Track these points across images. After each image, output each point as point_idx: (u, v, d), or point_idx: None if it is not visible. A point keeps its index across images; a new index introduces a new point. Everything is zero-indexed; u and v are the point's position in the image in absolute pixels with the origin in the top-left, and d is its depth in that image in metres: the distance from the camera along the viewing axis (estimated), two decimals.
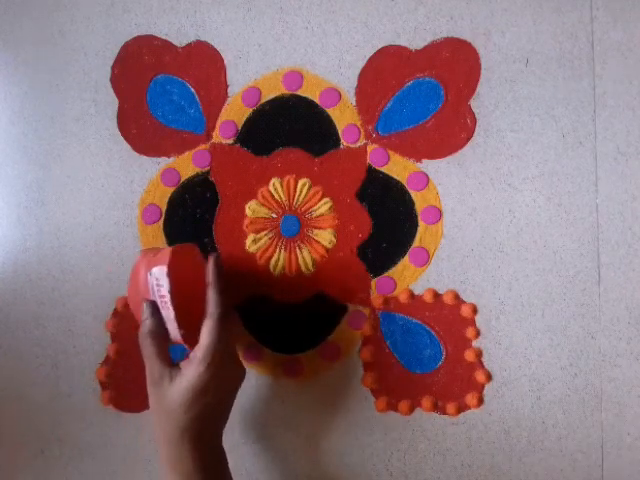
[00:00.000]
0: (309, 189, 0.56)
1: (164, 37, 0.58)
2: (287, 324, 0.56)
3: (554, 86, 0.55)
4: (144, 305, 0.49)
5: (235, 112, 0.57)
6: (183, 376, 0.47)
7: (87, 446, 0.56)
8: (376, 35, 0.56)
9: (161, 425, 0.48)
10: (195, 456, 0.47)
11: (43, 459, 0.57)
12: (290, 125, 0.57)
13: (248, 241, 0.56)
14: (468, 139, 0.56)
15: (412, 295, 0.56)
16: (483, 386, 0.54)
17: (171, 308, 0.47)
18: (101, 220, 0.57)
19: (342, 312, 0.56)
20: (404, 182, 0.56)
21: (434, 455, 0.55)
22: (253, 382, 0.56)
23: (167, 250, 0.48)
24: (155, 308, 0.48)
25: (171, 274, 0.47)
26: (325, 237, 0.56)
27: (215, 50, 0.57)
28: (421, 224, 0.56)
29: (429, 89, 0.56)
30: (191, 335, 0.48)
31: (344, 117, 0.57)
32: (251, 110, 0.57)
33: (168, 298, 0.47)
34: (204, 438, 0.48)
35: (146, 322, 0.48)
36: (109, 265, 0.57)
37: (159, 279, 0.47)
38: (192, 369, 0.47)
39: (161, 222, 0.57)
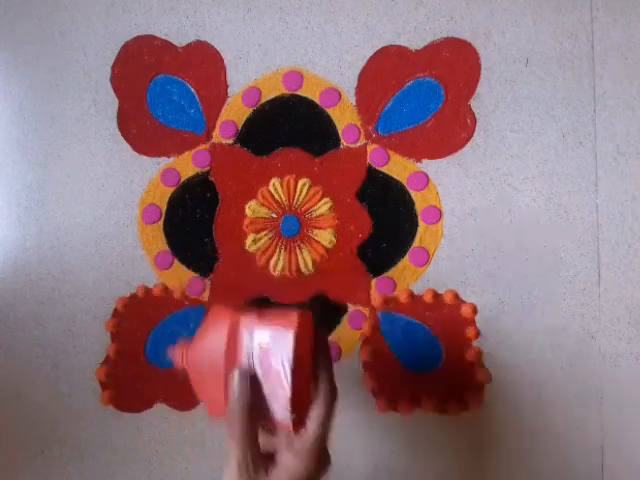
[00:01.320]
0: (309, 189, 0.56)
1: (164, 37, 0.58)
2: None
3: (554, 86, 0.55)
4: (237, 374, 0.40)
5: (235, 112, 0.57)
6: (284, 470, 0.40)
7: (87, 446, 0.56)
8: (376, 35, 0.56)
9: None
10: None
11: (43, 459, 0.57)
12: (290, 125, 0.57)
13: (248, 241, 0.56)
14: (468, 139, 0.56)
15: (412, 295, 0.55)
16: (483, 386, 0.54)
17: (287, 386, 0.39)
18: (101, 220, 0.57)
19: (342, 312, 0.56)
20: (404, 182, 0.56)
21: (434, 455, 0.55)
22: None
23: (290, 313, 0.40)
24: (251, 379, 0.40)
25: (296, 344, 0.39)
26: (325, 237, 0.56)
27: (215, 50, 0.57)
28: (421, 224, 0.56)
29: (429, 89, 0.56)
30: (299, 419, 0.40)
31: (344, 117, 0.57)
32: (251, 110, 0.57)
33: (285, 373, 0.39)
34: None
35: (241, 396, 0.40)
36: (109, 265, 0.57)
37: (271, 347, 0.39)
38: (295, 462, 0.40)
39: (161, 222, 0.57)
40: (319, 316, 0.55)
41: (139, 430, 0.56)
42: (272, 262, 0.56)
